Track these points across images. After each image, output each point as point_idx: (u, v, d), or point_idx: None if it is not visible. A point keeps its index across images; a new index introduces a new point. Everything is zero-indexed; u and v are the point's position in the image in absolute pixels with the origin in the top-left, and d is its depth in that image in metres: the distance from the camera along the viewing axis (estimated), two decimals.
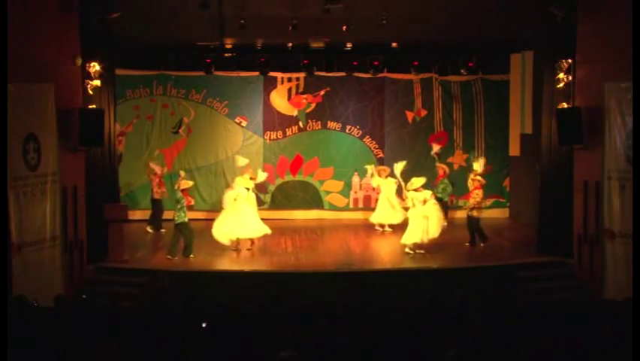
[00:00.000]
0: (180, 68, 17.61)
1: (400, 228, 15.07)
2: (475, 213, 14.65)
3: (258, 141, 18.32)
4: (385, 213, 16.24)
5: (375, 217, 16.49)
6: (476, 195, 14.57)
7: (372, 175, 16.80)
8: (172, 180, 16.45)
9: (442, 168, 17.16)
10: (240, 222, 14.16)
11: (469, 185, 15.16)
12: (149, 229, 16.18)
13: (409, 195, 14.33)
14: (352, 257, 14.32)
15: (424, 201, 14.12)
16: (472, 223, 14.71)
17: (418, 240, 14.02)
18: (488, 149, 18.44)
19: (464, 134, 18.52)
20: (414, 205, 14.18)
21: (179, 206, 13.63)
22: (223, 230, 14.16)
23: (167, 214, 15.86)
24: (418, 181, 14.39)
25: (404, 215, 15.19)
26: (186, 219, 13.65)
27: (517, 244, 15.13)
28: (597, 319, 7.52)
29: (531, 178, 15.60)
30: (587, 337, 6.73)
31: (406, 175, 15.27)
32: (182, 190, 13.80)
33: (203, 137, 18.20)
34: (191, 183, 14.49)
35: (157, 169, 16.43)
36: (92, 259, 12.90)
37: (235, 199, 14.22)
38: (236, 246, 14.26)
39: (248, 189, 14.53)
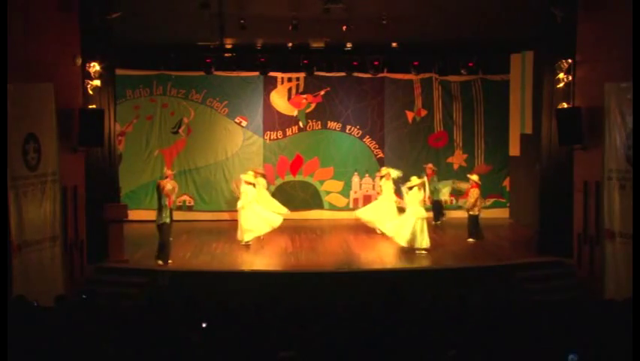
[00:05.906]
0: (180, 68, 17.60)
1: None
2: (476, 212, 15.00)
3: (258, 141, 18.32)
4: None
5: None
6: (471, 195, 14.93)
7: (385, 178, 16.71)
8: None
9: (429, 167, 16.84)
10: (260, 219, 14.58)
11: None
12: None
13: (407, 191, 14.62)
14: (352, 257, 14.31)
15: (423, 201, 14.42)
16: (471, 221, 15.06)
17: (417, 245, 14.24)
18: (488, 149, 18.46)
19: (464, 134, 18.53)
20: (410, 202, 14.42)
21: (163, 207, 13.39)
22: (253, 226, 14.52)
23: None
24: (415, 180, 14.60)
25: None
26: (168, 221, 13.30)
27: (517, 244, 15.13)
28: (597, 319, 7.51)
29: (531, 178, 15.59)
30: (587, 337, 6.72)
31: (406, 175, 15.37)
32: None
33: (203, 137, 18.20)
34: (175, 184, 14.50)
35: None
36: (91, 259, 12.91)
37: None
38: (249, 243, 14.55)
39: (253, 184, 14.83)
